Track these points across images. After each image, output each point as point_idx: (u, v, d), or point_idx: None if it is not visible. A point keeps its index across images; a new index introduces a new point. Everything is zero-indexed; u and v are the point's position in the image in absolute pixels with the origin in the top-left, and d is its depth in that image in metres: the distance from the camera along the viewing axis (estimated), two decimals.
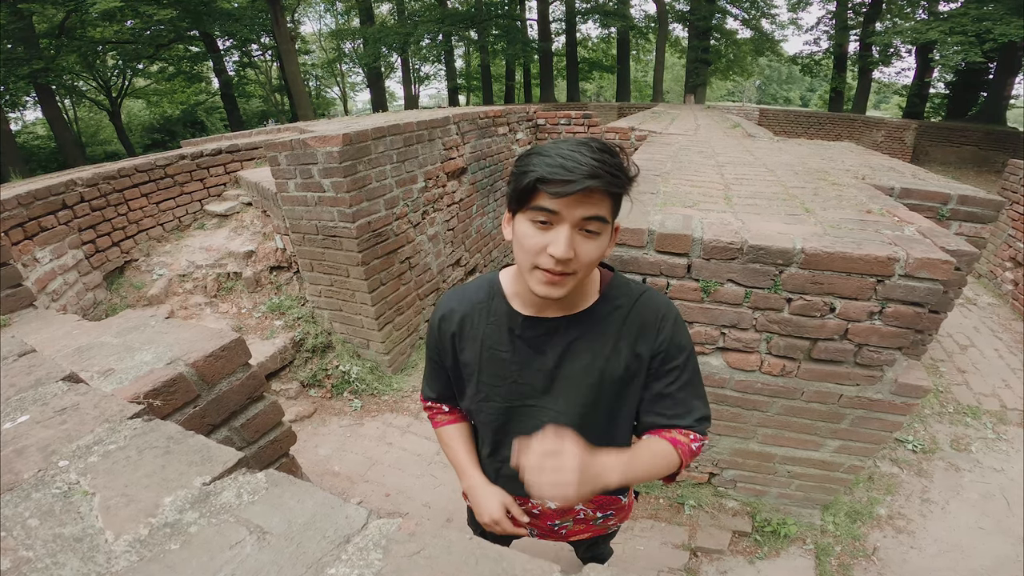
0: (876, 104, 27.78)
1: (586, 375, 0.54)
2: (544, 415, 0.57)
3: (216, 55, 11.14)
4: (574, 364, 0.54)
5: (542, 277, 0.45)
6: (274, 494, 0.36)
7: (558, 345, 0.53)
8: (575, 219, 0.43)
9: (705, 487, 1.35)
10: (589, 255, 0.45)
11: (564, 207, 0.42)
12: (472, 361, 0.57)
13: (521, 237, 0.46)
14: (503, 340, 0.55)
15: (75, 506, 0.35)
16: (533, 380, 0.55)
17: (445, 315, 0.59)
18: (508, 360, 0.55)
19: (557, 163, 0.41)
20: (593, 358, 0.53)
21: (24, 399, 0.48)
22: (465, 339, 0.57)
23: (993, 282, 2.84)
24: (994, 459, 1.57)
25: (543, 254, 0.44)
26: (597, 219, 0.43)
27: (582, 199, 0.42)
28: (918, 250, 0.88)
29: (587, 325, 0.53)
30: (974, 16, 6.95)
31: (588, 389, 0.54)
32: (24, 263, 1.68)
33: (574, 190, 0.41)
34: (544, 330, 0.53)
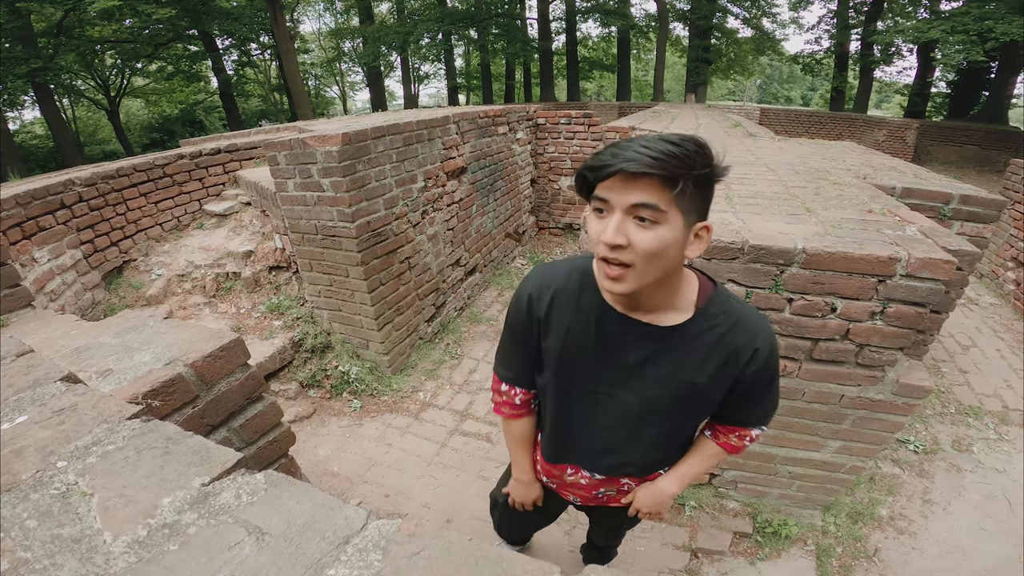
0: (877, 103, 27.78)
1: (665, 381, 0.54)
2: (614, 404, 0.58)
3: (215, 54, 11.12)
4: (656, 370, 0.54)
5: (603, 268, 0.46)
6: (273, 495, 0.36)
7: (642, 350, 0.53)
8: (624, 205, 0.42)
9: (706, 488, 1.34)
10: (643, 245, 0.43)
11: (612, 194, 0.43)
12: (554, 348, 0.57)
13: (587, 228, 0.47)
14: (589, 333, 0.55)
15: (73, 507, 0.35)
16: (610, 372, 0.56)
17: (534, 296, 0.57)
18: (591, 353, 0.55)
19: (608, 151, 0.42)
20: (676, 370, 0.54)
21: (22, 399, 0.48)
22: (551, 325, 0.56)
23: (995, 282, 2.83)
24: (996, 460, 1.56)
25: (599, 243, 0.44)
26: (647, 206, 0.42)
27: (629, 185, 0.41)
28: (920, 250, 0.87)
29: (678, 340, 0.52)
30: (976, 15, 6.92)
31: (665, 394, 0.55)
32: (22, 263, 1.68)
33: (606, 174, 0.41)
34: (633, 332, 0.53)
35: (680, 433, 0.63)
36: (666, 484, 0.67)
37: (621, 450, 0.63)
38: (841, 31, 11.07)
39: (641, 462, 0.65)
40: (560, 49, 14.16)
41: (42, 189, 1.82)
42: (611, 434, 0.61)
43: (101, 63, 10.86)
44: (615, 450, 0.63)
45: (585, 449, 0.65)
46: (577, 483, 0.71)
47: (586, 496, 0.73)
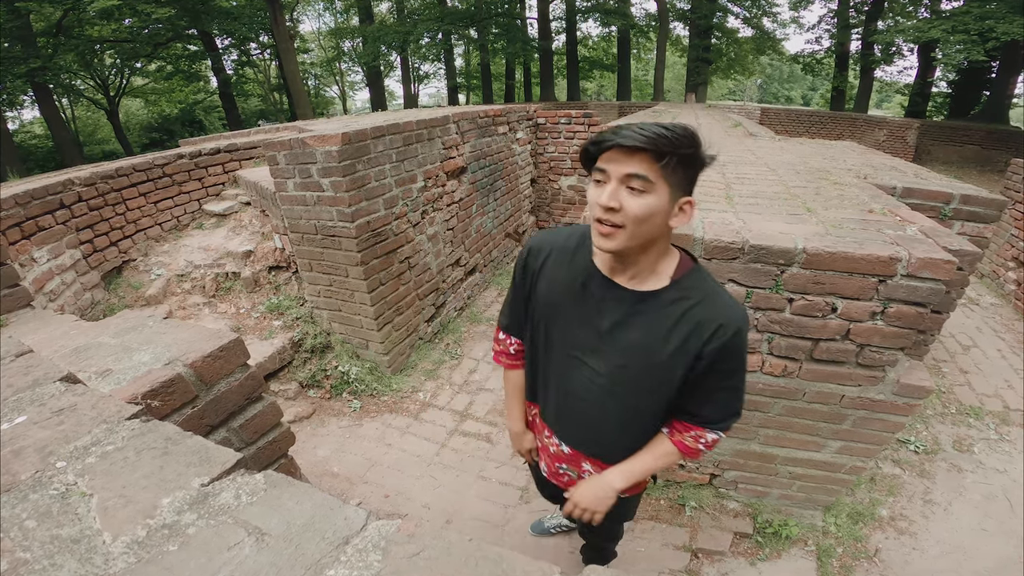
0: (878, 103, 27.73)
1: (632, 350, 0.58)
2: (587, 372, 0.63)
3: (214, 54, 11.11)
4: (625, 337, 0.58)
5: (598, 228, 0.53)
6: (273, 495, 0.36)
7: (617, 314, 0.58)
8: (620, 175, 0.50)
9: (706, 488, 1.34)
10: (634, 210, 0.50)
11: (610, 165, 0.50)
12: (542, 294, 0.64)
13: (588, 194, 0.54)
14: (575, 289, 0.61)
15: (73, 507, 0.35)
16: (584, 336, 0.61)
17: (534, 249, 0.66)
18: (571, 309, 0.61)
19: (607, 131, 0.50)
20: (643, 336, 0.57)
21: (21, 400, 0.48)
22: (543, 276, 0.64)
23: (996, 282, 2.83)
24: (997, 460, 1.56)
25: (596, 206, 0.52)
26: (638, 177, 0.49)
27: (625, 158, 0.49)
28: (920, 250, 0.87)
29: (650, 306, 0.57)
30: (976, 15, 6.91)
31: (632, 364, 0.59)
32: (21, 263, 1.67)
33: (607, 146, 0.50)
34: (613, 295, 0.58)
35: (640, 415, 0.64)
36: (611, 477, 0.67)
37: (587, 424, 0.67)
38: (841, 31, 11.06)
39: (602, 440, 0.68)
40: (560, 49, 14.15)
41: (41, 189, 1.82)
42: (581, 404, 0.65)
43: (100, 63, 10.86)
44: (583, 423, 0.67)
45: (561, 414, 0.69)
46: (547, 448, 0.76)
47: (550, 468, 0.77)
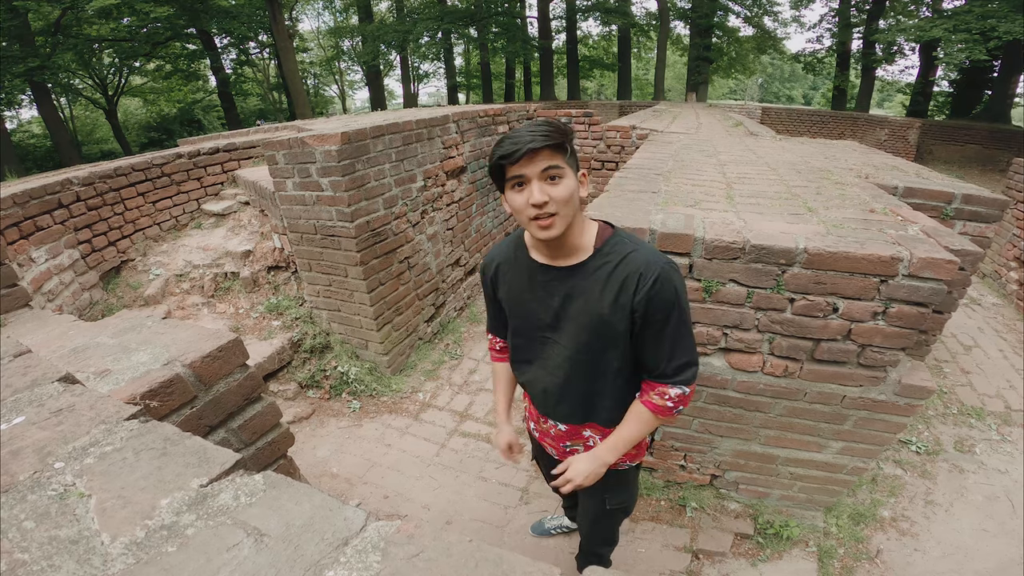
0: (879, 102, 27.60)
1: (580, 316, 0.67)
2: (553, 347, 0.72)
3: (213, 53, 11.10)
4: (572, 306, 0.68)
5: (536, 224, 0.60)
6: (272, 496, 0.36)
7: (561, 290, 0.68)
8: (537, 172, 0.58)
9: (707, 489, 1.34)
10: (560, 194, 0.59)
11: (525, 168, 0.58)
12: (505, 299, 0.76)
13: (512, 203, 0.62)
14: (525, 284, 0.71)
15: (71, 508, 0.35)
16: (545, 316, 0.71)
17: (486, 264, 0.78)
18: (529, 299, 0.71)
19: (506, 143, 0.58)
20: (585, 303, 0.67)
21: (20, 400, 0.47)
22: (500, 283, 0.75)
23: (998, 282, 2.82)
24: (998, 461, 1.56)
25: (528, 207, 0.59)
26: (553, 167, 0.58)
27: (533, 158, 0.57)
28: (922, 250, 0.87)
29: (580, 276, 0.66)
30: (978, 14, 6.89)
31: (582, 329, 0.68)
32: (20, 263, 1.67)
33: (520, 155, 0.57)
34: (552, 277, 0.68)
35: (605, 374, 0.71)
36: (600, 452, 0.74)
37: (568, 395, 0.75)
38: (843, 30, 11.03)
39: (586, 405, 0.75)
40: (560, 48, 14.13)
41: (39, 189, 1.82)
42: (558, 378, 0.73)
43: (99, 62, 10.83)
44: (564, 396, 0.75)
45: (547, 394, 0.77)
46: (548, 433, 0.83)
47: (559, 450, 0.84)
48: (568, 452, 0.82)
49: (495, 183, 0.63)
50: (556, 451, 0.85)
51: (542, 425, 0.83)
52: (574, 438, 0.80)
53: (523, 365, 0.79)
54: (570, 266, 0.66)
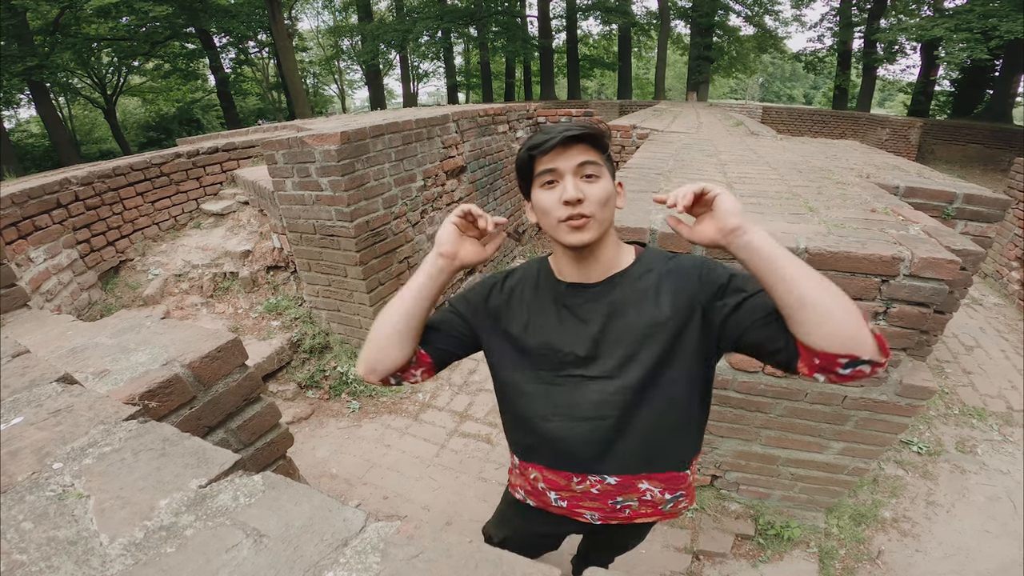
0: (881, 102, 27.52)
1: (630, 333, 0.54)
2: (588, 386, 0.56)
3: (212, 52, 11.10)
4: (618, 325, 0.54)
5: (567, 227, 0.51)
6: (271, 497, 0.36)
7: (600, 310, 0.55)
8: (572, 167, 0.50)
9: (708, 489, 1.33)
10: (597, 194, 0.50)
11: (559, 162, 0.50)
12: (519, 330, 0.58)
13: (541, 204, 0.52)
14: (548, 308, 0.57)
15: (69, 509, 0.34)
16: (577, 348, 0.55)
17: (497, 285, 0.61)
18: (552, 331, 0.57)
19: (538, 134, 0.51)
20: (637, 314, 0.54)
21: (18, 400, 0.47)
22: (513, 309, 0.59)
23: (999, 282, 2.81)
24: (1000, 461, 1.55)
25: (559, 206, 0.50)
26: (590, 163, 0.50)
27: (570, 151, 0.50)
28: (923, 250, 0.86)
29: (625, 285, 0.55)
30: (980, 13, 6.88)
31: (633, 344, 0.54)
32: (18, 263, 1.67)
33: (555, 142, 0.49)
34: (586, 297, 0.56)
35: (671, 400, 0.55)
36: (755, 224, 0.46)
37: (621, 437, 0.56)
38: (844, 29, 11.02)
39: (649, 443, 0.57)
40: (561, 47, 14.11)
41: (38, 188, 1.81)
42: (604, 422, 0.56)
43: (97, 61, 10.82)
44: (615, 441, 0.57)
45: (588, 447, 0.58)
46: (588, 492, 0.61)
47: (604, 509, 0.62)
48: (618, 510, 0.62)
49: (522, 187, 0.53)
50: (600, 513, 0.63)
51: (576, 487, 0.61)
52: (627, 492, 0.60)
53: (537, 423, 0.59)
54: (609, 278, 0.54)
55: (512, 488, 0.73)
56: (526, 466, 0.66)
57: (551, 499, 0.65)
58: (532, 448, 0.63)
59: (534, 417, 0.60)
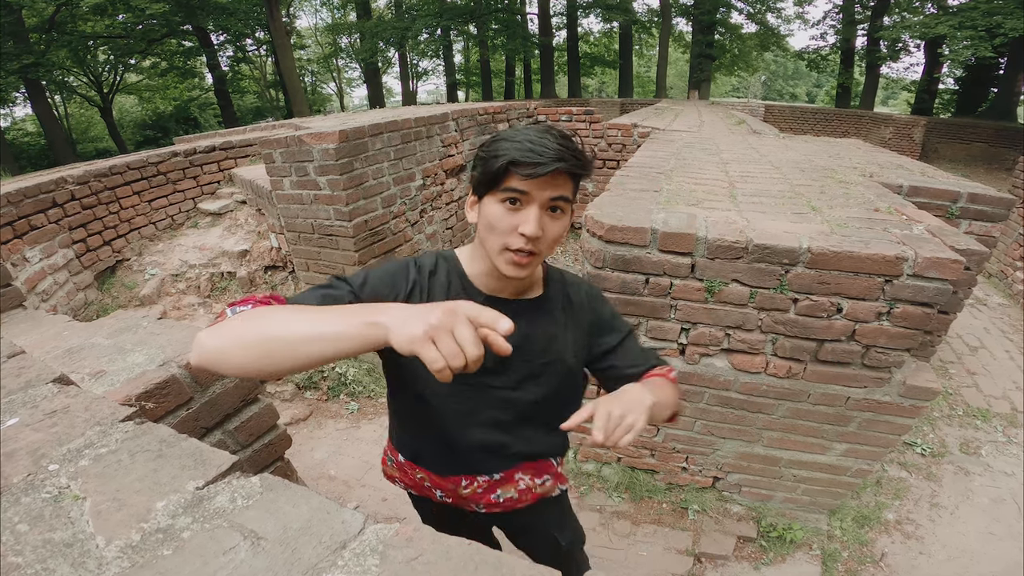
0: (884, 100, 27.48)
1: (536, 353, 0.57)
2: (496, 393, 0.58)
3: (210, 50, 11.06)
4: (530, 346, 0.56)
5: (511, 257, 0.48)
6: (269, 499, 0.36)
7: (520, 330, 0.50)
8: (543, 200, 0.46)
9: (709, 491, 1.32)
10: (554, 233, 0.49)
11: (534, 188, 0.46)
12: None
13: (492, 218, 0.48)
14: None
15: (65, 511, 0.34)
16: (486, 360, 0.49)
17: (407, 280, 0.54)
18: None
19: (527, 147, 0.44)
20: (548, 341, 0.57)
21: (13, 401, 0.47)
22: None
23: (1004, 282, 2.79)
24: (1004, 463, 1.54)
25: (513, 234, 0.47)
26: (563, 199, 0.47)
27: (550, 181, 0.46)
28: (927, 249, 0.86)
29: (542, 311, 0.57)
30: (984, 10, 6.83)
31: (537, 366, 0.57)
32: (13, 263, 1.66)
33: (545, 172, 0.44)
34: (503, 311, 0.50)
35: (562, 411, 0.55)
36: (643, 396, 0.50)
37: (513, 442, 0.61)
38: (847, 26, 10.96)
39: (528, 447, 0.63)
40: (561, 45, 14.06)
41: (34, 187, 1.80)
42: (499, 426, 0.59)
43: (94, 59, 10.78)
44: (508, 443, 0.61)
45: (476, 451, 0.61)
46: (475, 493, 0.65)
47: (489, 502, 0.67)
48: (501, 503, 0.66)
49: (477, 184, 0.48)
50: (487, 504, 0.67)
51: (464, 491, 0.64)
52: (505, 485, 0.65)
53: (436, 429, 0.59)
54: (528, 300, 0.56)
55: (389, 478, 0.73)
56: (413, 467, 0.66)
57: (436, 495, 0.68)
58: (421, 454, 0.64)
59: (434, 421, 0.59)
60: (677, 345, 1.08)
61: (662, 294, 1.02)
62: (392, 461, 0.70)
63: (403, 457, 0.67)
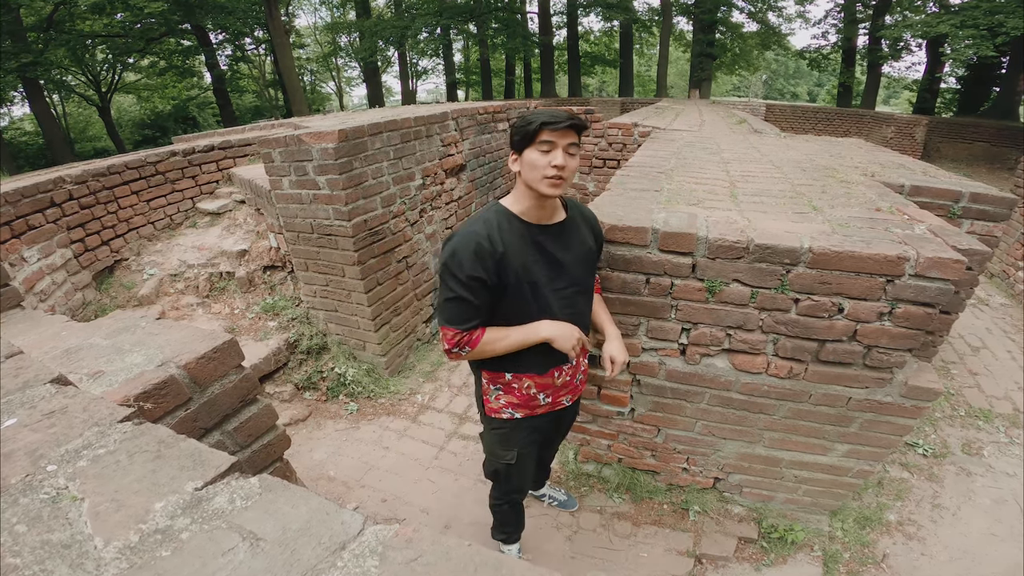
0: (885, 99, 27.40)
1: (579, 257, 0.86)
2: (567, 293, 0.86)
3: (208, 49, 11.03)
4: (570, 252, 0.85)
5: (549, 182, 0.76)
6: (268, 499, 0.36)
7: (560, 244, 0.84)
8: (564, 144, 0.75)
9: (710, 492, 1.32)
10: (572, 166, 0.77)
11: (558, 137, 0.74)
12: (516, 271, 0.80)
13: (532, 161, 0.76)
14: (528, 248, 0.81)
15: (63, 512, 0.34)
16: (551, 271, 0.83)
17: (482, 244, 0.78)
18: (533, 261, 0.81)
19: (550, 114, 0.74)
20: (580, 245, 0.86)
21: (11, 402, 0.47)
22: (508, 256, 0.79)
23: (1006, 282, 2.78)
24: (1007, 464, 1.53)
25: (548, 167, 0.75)
26: (574, 144, 0.76)
27: (566, 132, 0.74)
28: (929, 249, 0.86)
29: (571, 227, 0.86)
30: (986, 9, 6.80)
31: (582, 266, 0.87)
32: (11, 262, 1.65)
33: (564, 125, 0.73)
34: (551, 233, 0.83)
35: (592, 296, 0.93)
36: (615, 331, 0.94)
37: (581, 326, 0.88)
38: (848, 25, 10.92)
39: (585, 329, 0.90)
40: (561, 44, 14.03)
41: (31, 187, 1.79)
42: (573, 318, 0.86)
43: (92, 58, 10.71)
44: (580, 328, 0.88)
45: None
46: (565, 382, 0.93)
47: (573, 388, 0.97)
48: (579, 385, 0.98)
49: (516, 142, 0.76)
50: (571, 395, 0.97)
51: (558, 381, 0.91)
52: (577, 369, 0.95)
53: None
54: (561, 222, 0.84)
55: (494, 412, 0.95)
56: (519, 377, 0.90)
57: (540, 400, 0.93)
58: (523, 360, 0.87)
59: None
60: (678, 345, 1.08)
61: (663, 294, 1.02)
62: (498, 388, 0.92)
63: (509, 375, 0.90)
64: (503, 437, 0.97)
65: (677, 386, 1.13)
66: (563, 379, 0.92)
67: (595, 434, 1.33)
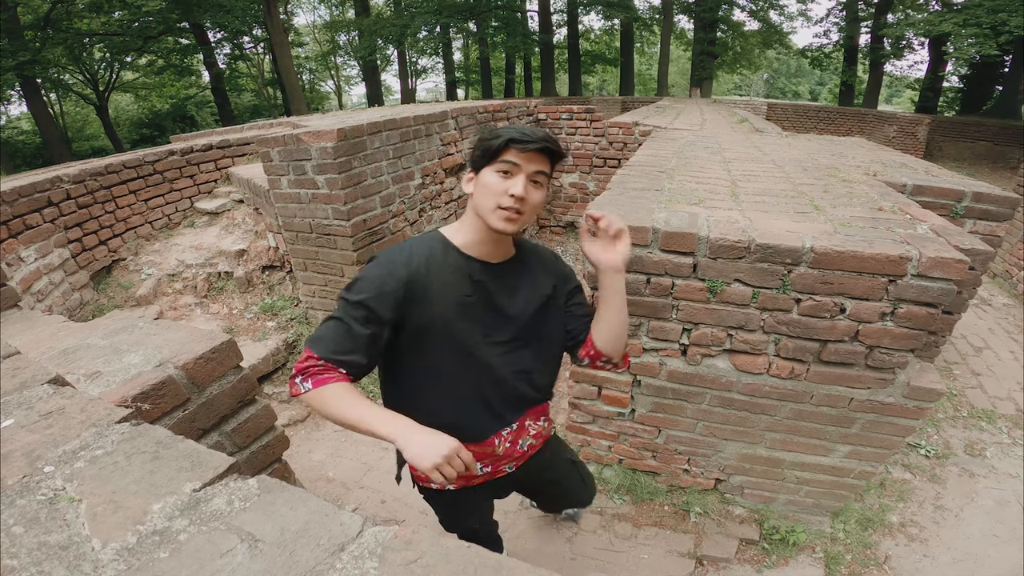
0: (888, 98, 27.26)
1: (529, 304, 0.69)
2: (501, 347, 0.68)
3: (207, 47, 11.00)
4: (518, 298, 0.69)
5: (503, 215, 0.60)
6: (266, 501, 0.36)
7: (508, 284, 0.68)
8: (529, 171, 0.59)
9: (711, 493, 1.31)
10: (535, 200, 0.61)
11: (524, 161, 0.59)
12: (440, 314, 0.63)
13: (488, 185, 0.60)
14: (463, 286, 0.64)
15: (61, 513, 0.34)
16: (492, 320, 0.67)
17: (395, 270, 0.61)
18: (468, 304, 0.65)
19: (519, 131, 0.59)
20: (530, 290, 0.70)
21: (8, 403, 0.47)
22: (431, 293, 0.63)
23: (1008, 282, 2.77)
24: (1010, 464, 1.53)
25: (505, 196, 0.59)
26: (543, 173, 0.61)
27: (535, 157, 0.59)
28: (931, 249, 0.85)
29: (523, 266, 0.70)
30: (989, 7, 6.76)
31: (534, 316, 0.70)
32: (8, 262, 1.65)
33: (534, 147, 0.58)
34: (494, 273, 0.67)
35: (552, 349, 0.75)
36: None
37: (525, 388, 0.72)
38: (850, 24, 10.89)
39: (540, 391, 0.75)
40: (561, 42, 14.00)
41: (29, 186, 1.79)
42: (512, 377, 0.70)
43: (89, 57, 10.65)
44: (521, 393, 0.72)
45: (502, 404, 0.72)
46: (506, 450, 0.75)
47: (518, 455, 0.79)
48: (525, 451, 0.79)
49: (477, 160, 0.61)
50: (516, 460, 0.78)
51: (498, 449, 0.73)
52: (522, 433, 0.77)
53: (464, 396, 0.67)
54: (509, 260, 0.69)
55: (423, 481, 0.78)
56: None
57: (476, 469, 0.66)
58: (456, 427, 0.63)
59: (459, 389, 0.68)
60: (679, 345, 1.07)
61: (663, 294, 1.01)
62: None
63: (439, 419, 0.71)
64: (443, 511, 0.84)
65: (678, 386, 1.12)
66: (503, 447, 0.73)
67: (595, 435, 1.32)
